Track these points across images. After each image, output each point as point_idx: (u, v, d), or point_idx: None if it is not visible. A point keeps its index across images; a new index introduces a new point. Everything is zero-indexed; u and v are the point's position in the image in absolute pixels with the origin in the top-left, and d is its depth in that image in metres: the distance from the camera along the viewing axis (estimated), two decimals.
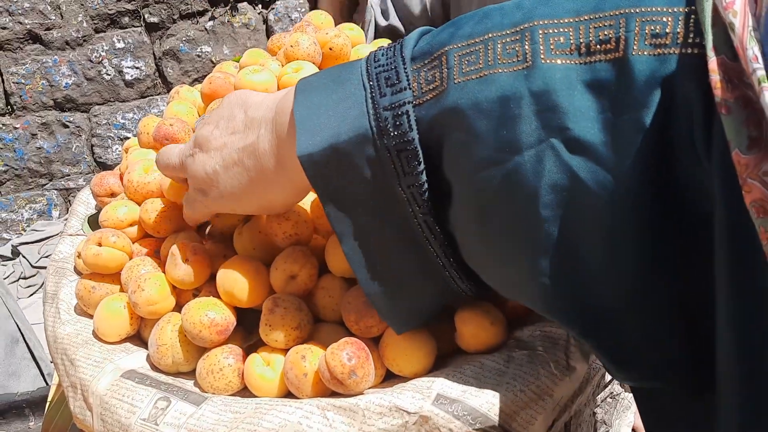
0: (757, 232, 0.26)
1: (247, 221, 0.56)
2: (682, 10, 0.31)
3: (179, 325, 0.52)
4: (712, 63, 0.28)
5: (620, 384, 0.56)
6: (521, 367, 0.45)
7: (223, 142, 0.47)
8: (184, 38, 2.57)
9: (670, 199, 0.33)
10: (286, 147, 0.43)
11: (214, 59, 2.61)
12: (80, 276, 0.61)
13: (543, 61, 0.34)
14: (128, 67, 2.60)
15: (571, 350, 0.47)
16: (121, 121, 2.64)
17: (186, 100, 0.72)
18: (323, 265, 0.54)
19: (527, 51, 0.34)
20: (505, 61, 0.35)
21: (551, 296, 0.37)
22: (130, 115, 2.64)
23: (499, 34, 0.36)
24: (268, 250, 0.55)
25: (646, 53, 0.31)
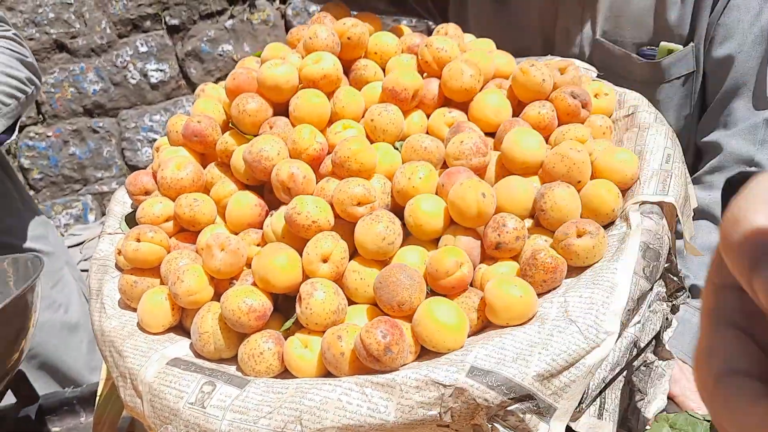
0: None
1: None
2: None
3: (219, 313, 0.54)
4: None
5: (653, 352, 0.56)
6: (552, 336, 0.46)
7: None
8: (205, 38, 2.61)
9: None
10: None
11: (235, 57, 2.64)
12: (122, 272, 0.64)
13: None
14: (152, 70, 2.64)
15: (603, 318, 0.47)
16: (149, 123, 2.69)
17: (212, 97, 0.74)
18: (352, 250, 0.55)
19: None
20: None
21: None
22: (157, 117, 2.69)
23: None
24: (297, 239, 0.56)
25: None
